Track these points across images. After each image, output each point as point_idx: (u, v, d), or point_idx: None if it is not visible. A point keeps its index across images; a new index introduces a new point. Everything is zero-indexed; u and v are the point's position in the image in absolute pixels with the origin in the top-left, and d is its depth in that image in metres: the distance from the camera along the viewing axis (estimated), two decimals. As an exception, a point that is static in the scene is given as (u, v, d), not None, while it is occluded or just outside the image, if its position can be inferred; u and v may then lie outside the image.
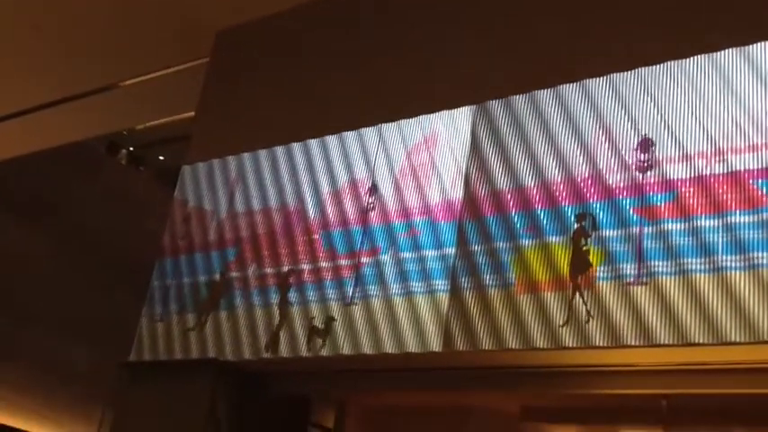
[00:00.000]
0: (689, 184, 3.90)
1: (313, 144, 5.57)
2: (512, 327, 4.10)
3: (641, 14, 4.56)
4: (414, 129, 5.13)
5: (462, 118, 4.93)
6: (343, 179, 5.29)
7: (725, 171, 3.83)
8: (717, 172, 3.85)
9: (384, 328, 4.54)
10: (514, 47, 5.03)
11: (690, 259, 3.73)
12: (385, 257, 4.79)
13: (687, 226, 3.81)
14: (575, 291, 3.98)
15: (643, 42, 4.44)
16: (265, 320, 5.09)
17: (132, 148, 11.96)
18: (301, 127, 5.72)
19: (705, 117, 4.01)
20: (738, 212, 3.70)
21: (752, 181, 3.74)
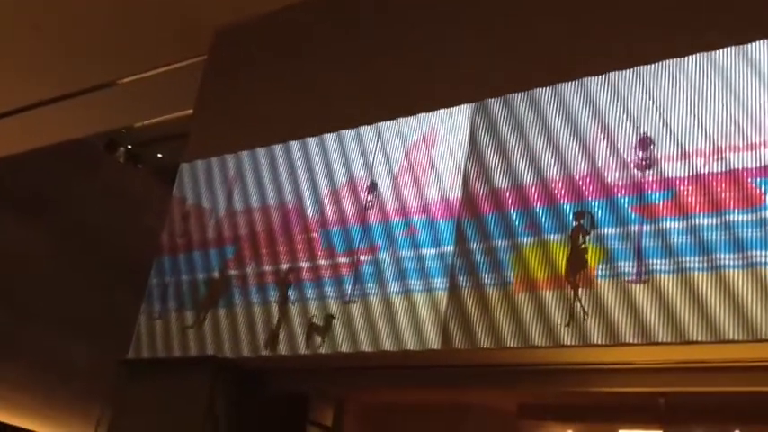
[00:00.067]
0: (687, 183, 3.90)
1: (311, 142, 5.57)
2: (510, 325, 4.10)
3: (640, 14, 4.56)
4: (413, 127, 5.12)
5: (461, 116, 4.93)
6: (341, 177, 5.29)
7: (723, 169, 3.83)
8: (715, 170, 3.85)
9: (383, 326, 4.54)
10: (514, 46, 5.03)
11: (688, 257, 3.73)
12: (384, 255, 4.78)
13: (685, 224, 3.81)
14: (573, 289, 3.98)
15: (642, 41, 4.44)
16: (264, 318, 5.08)
17: (130, 146, 11.95)
18: (300, 125, 5.71)
19: (703, 115, 4.01)
20: (737, 211, 3.70)
21: (750, 179, 3.74)
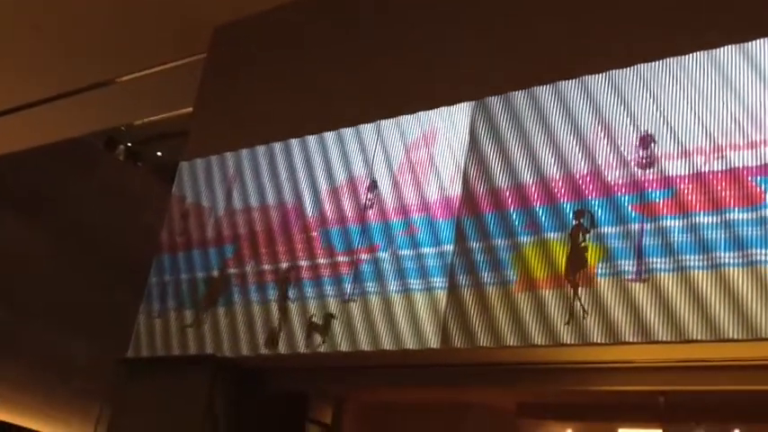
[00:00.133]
0: (687, 181, 3.89)
1: (311, 140, 5.56)
2: (509, 324, 4.09)
3: (640, 12, 4.55)
4: (412, 125, 5.11)
5: (461, 114, 4.92)
6: (341, 176, 5.28)
7: (723, 168, 3.82)
8: (715, 169, 3.84)
9: (382, 325, 4.53)
10: (514, 46, 5.01)
11: (688, 256, 3.72)
12: (383, 255, 4.78)
13: (686, 223, 3.80)
14: (572, 288, 3.98)
15: (642, 39, 4.43)
16: (263, 317, 5.08)
17: (130, 144, 11.94)
18: (300, 123, 5.70)
19: (704, 114, 4.00)
20: (737, 209, 3.69)
21: (750, 178, 3.73)
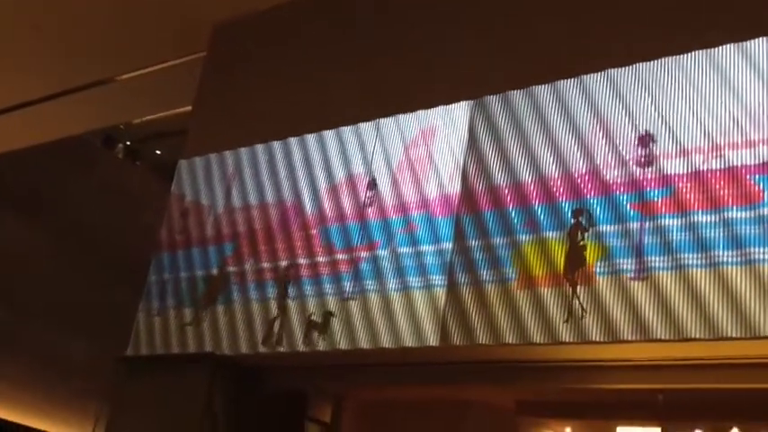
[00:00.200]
0: (686, 180, 3.90)
1: (310, 139, 5.56)
2: (508, 322, 4.10)
3: (639, 11, 4.55)
4: (411, 124, 5.12)
5: (460, 113, 4.92)
6: (340, 174, 5.28)
7: (722, 167, 3.83)
8: (714, 167, 3.85)
9: (381, 323, 4.54)
10: (513, 45, 5.01)
11: (687, 255, 3.73)
12: (383, 252, 4.78)
13: (684, 221, 3.81)
14: (571, 286, 3.98)
15: (641, 38, 4.43)
16: (262, 315, 5.08)
17: (129, 143, 11.93)
18: (299, 121, 5.70)
19: (702, 113, 4.01)
20: (735, 208, 3.70)
21: (749, 176, 3.74)
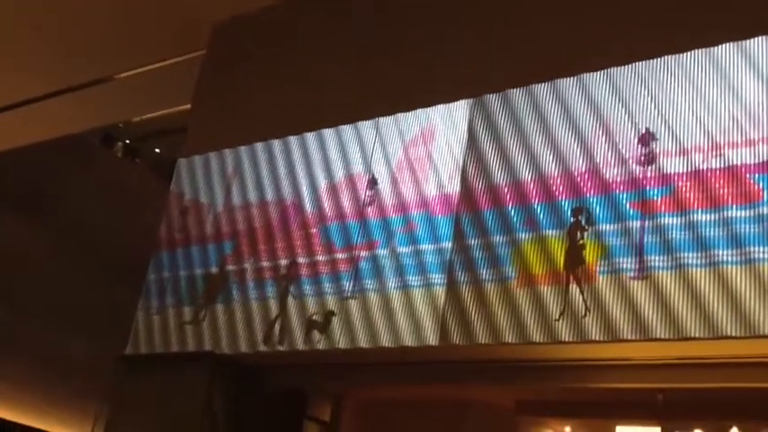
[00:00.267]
0: (686, 179, 3.90)
1: (310, 137, 5.55)
2: (508, 321, 4.10)
3: (639, 10, 4.54)
4: (411, 122, 5.11)
5: (459, 112, 4.92)
6: (340, 173, 5.27)
7: (722, 166, 3.83)
8: (714, 166, 3.85)
9: (381, 322, 4.54)
10: (513, 45, 5.01)
11: (686, 254, 3.73)
12: (382, 251, 4.78)
13: (684, 220, 3.80)
14: (571, 285, 3.98)
15: (641, 37, 4.43)
16: (262, 314, 5.08)
17: (128, 141, 11.92)
18: (298, 120, 5.69)
19: (702, 112, 4.01)
20: (735, 207, 3.70)
21: (748, 175, 3.73)
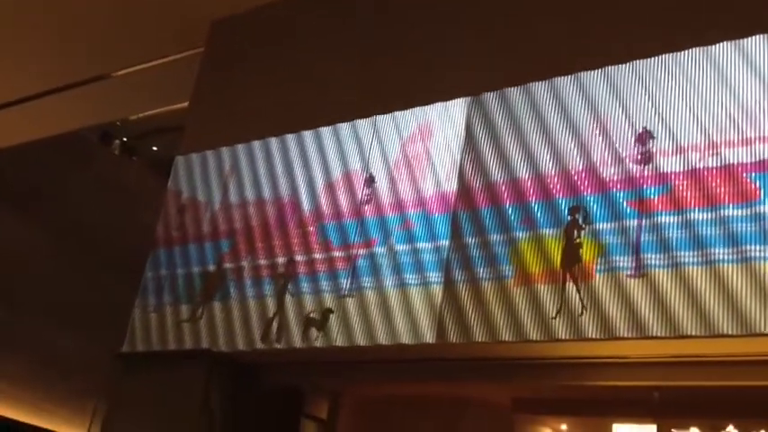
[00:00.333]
0: (683, 178, 3.91)
1: (307, 135, 5.55)
2: (504, 319, 4.11)
3: (638, 8, 4.55)
4: (409, 120, 5.11)
5: (457, 109, 4.92)
6: (337, 171, 5.28)
7: (719, 164, 3.83)
8: (710, 165, 3.86)
9: (378, 320, 4.54)
10: (512, 44, 5.01)
11: (683, 252, 3.73)
12: (380, 249, 4.78)
13: (681, 219, 3.81)
14: (567, 283, 3.99)
15: (639, 35, 4.43)
16: (260, 312, 5.08)
17: (126, 139, 11.92)
18: (296, 118, 5.69)
19: (700, 110, 4.01)
20: (732, 206, 3.71)
21: (745, 174, 3.74)
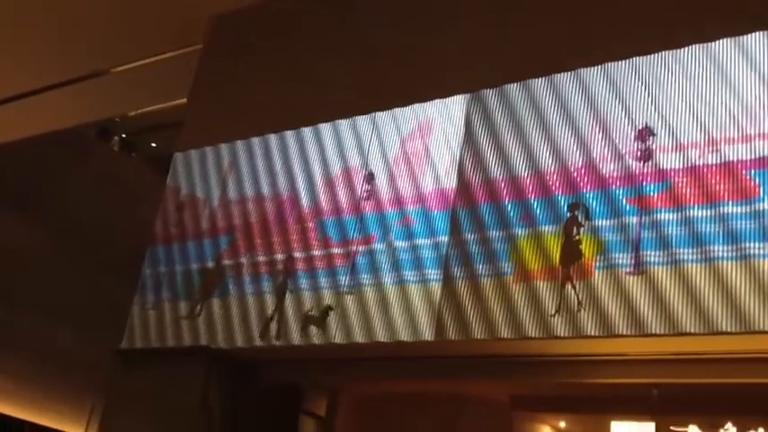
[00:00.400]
0: (682, 175, 3.90)
1: (307, 132, 5.54)
2: (503, 316, 4.10)
3: (638, 5, 4.54)
4: (408, 117, 5.10)
5: (456, 106, 4.92)
6: (337, 168, 5.27)
7: (718, 161, 3.83)
8: (710, 162, 3.85)
9: (377, 317, 4.54)
10: (510, 40, 5.00)
11: (682, 249, 3.73)
12: (379, 246, 4.78)
13: (680, 216, 3.81)
14: (566, 281, 3.98)
15: (638, 32, 4.42)
16: (258, 309, 5.08)
17: (124, 135, 11.90)
18: (295, 114, 5.68)
19: (699, 107, 4.00)
20: (731, 203, 3.70)
21: (745, 171, 3.74)
